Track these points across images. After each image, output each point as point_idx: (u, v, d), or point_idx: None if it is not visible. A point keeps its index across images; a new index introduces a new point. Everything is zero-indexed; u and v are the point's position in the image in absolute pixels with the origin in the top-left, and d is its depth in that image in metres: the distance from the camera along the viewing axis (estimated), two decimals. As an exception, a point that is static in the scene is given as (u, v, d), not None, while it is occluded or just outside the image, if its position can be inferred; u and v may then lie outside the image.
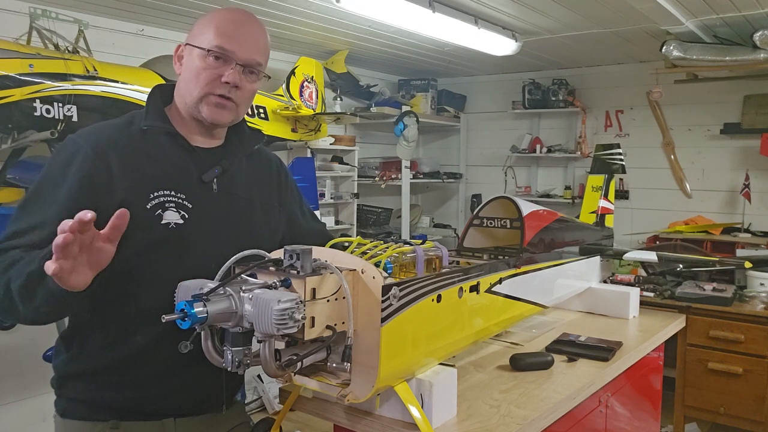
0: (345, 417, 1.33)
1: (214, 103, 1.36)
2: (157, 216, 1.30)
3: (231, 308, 1.09)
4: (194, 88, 1.35)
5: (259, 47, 1.39)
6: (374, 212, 5.19)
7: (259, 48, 1.39)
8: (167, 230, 1.31)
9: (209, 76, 1.34)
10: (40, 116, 2.59)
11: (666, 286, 3.72)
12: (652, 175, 4.85)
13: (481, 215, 1.93)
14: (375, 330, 1.15)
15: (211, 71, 1.34)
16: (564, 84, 5.08)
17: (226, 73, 1.34)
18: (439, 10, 3.24)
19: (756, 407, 3.38)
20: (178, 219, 1.32)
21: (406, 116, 4.77)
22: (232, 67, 1.34)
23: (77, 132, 1.35)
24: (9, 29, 2.87)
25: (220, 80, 1.34)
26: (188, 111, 1.39)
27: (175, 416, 1.39)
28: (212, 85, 1.35)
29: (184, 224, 1.33)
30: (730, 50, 3.77)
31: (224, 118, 1.39)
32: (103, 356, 1.34)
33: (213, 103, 1.36)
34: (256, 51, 1.38)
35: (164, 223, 1.31)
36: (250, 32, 1.38)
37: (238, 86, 1.36)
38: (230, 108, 1.39)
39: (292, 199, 1.65)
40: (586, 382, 1.59)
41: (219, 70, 1.34)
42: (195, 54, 1.35)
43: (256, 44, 1.38)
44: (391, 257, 1.44)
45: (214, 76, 1.34)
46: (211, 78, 1.34)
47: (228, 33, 1.34)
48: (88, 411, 1.36)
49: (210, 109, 1.36)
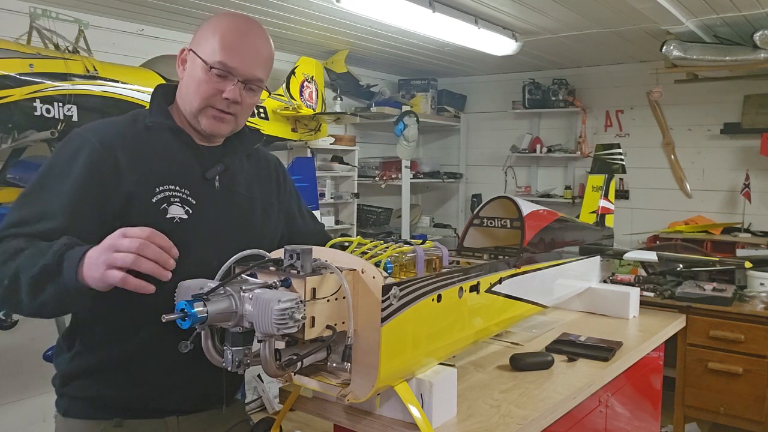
0: (345, 417, 1.33)
1: (213, 116, 1.37)
2: (162, 210, 1.31)
3: (231, 308, 1.09)
4: (194, 99, 1.36)
5: (262, 62, 1.39)
6: (374, 212, 5.19)
7: (262, 62, 1.39)
8: (172, 224, 1.31)
9: (210, 90, 1.34)
10: (40, 116, 2.59)
11: (666, 286, 3.72)
12: (652, 175, 4.85)
13: (481, 215, 1.93)
14: (375, 330, 1.15)
15: (212, 85, 1.34)
16: (564, 84, 5.08)
17: (227, 90, 1.34)
18: (439, 9, 3.24)
19: (756, 407, 3.38)
20: (182, 214, 1.33)
21: (406, 116, 4.77)
22: (234, 84, 1.34)
23: (83, 126, 1.35)
24: (9, 29, 2.87)
25: (220, 95, 1.34)
26: (188, 118, 1.40)
27: (177, 414, 1.40)
28: (212, 99, 1.35)
29: (188, 219, 1.33)
30: (731, 50, 3.77)
31: (223, 130, 1.40)
32: (106, 354, 1.34)
33: (212, 115, 1.37)
34: (258, 66, 1.37)
35: (169, 218, 1.31)
36: (253, 46, 1.37)
37: (239, 101, 1.37)
38: (229, 121, 1.39)
39: (290, 199, 1.66)
40: (586, 382, 1.59)
41: (220, 85, 1.34)
42: (198, 64, 1.35)
43: (258, 59, 1.37)
44: (391, 257, 1.45)
45: (215, 91, 1.34)
46: (212, 92, 1.34)
47: (231, 47, 1.33)
48: (91, 409, 1.36)
49: (209, 121, 1.37)
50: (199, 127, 1.38)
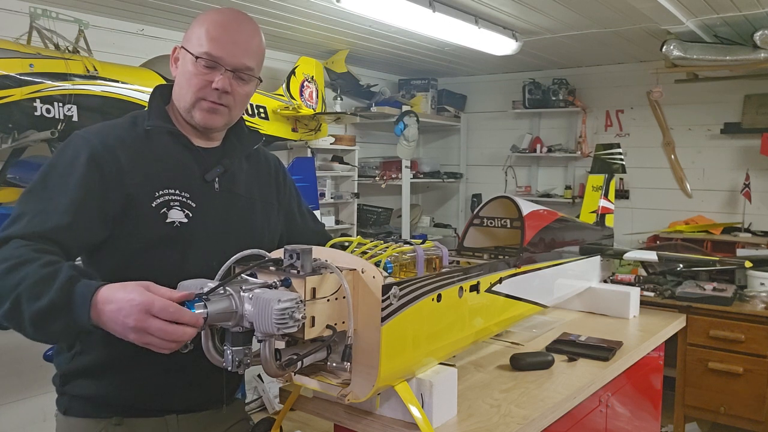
0: (345, 417, 1.33)
1: (206, 108, 1.37)
2: (162, 214, 1.31)
3: (231, 308, 1.09)
4: (187, 93, 1.37)
5: (249, 50, 1.38)
6: (374, 212, 5.19)
7: (249, 51, 1.38)
8: (172, 229, 1.32)
9: (199, 83, 1.35)
10: (41, 116, 2.59)
11: (666, 286, 3.72)
12: (652, 174, 4.85)
13: (481, 215, 1.93)
14: (375, 329, 1.15)
15: (202, 77, 1.35)
16: (564, 84, 5.08)
17: (216, 80, 1.34)
18: (439, 9, 3.24)
19: (756, 407, 3.38)
20: (182, 218, 1.33)
21: (406, 116, 4.77)
22: (222, 73, 1.35)
23: (83, 129, 1.36)
24: (9, 29, 2.87)
25: (210, 86, 1.35)
26: (184, 115, 1.40)
27: (177, 413, 1.40)
28: (203, 91, 1.35)
29: (188, 223, 1.34)
30: (731, 50, 3.77)
31: (216, 122, 1.40)
32: (106, 353, 1.34)
33: (205, 108, 1.37)
34: (246, 55, 1.37)
35: (169, 222, 1.32)
36: (240, 35, 1.37)
37: (228, 91, 1.37)
38: (222, 113, 1.39)
39: (290, 199, 1.66)
40: (587, 382, 1.59)
41: (209, 76, 1.35)
42: (188, 59, 1.36)
43: (246, 48, 1.37)
44: (391, 257, 1.44)
45: (205, 83, 1.35)
46: (202, 84, 1.35)
47: (217, 38, 1.34)
48: (92, 408, 1.37)
49: (202, 114, 1.38)
50: (194, 122, 1.39)
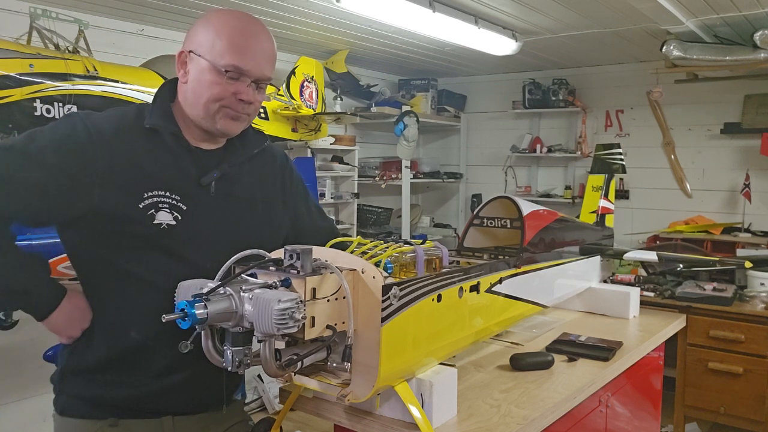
0: (345, 417, 1.33)
1: (230, 116, 1.36)
2: (149, 216, 1.30)
3: (231, 308, 1.09)
4: (207, 102, 1.34)
5: (271, 61, 1.39)
6: (374, 212, 5.18)
7: (270, 61, 1.39)
8: (159, 230, 1.30)
9: (223, 92, 1.33)
10: (41, 116, 2.59)
11: (666, 286, 3.72)
12: (652, 174, 4.85)
13: (481, 215, 1.93)
14: (375, 330, 1.15)
15: (225, 87, 1.33)
16: (564, 84, 5.08)
17: (243, 92, 1.34)
18: (439, 9, 3.24)
19: (756, 407, 3.37)
20: (170, 220, 1.32)
21: (406, 116, 4.77)
22: (248, 85, 1.34)
23: (87, 113, 1.34)
24: (9, 29, 2.87)
25: (234, 97, 1.34)
26: (197, 121, 1.38)
27: (173, 414, 1.39)
28: (227, 100, 1.34)
29: (176, 225, 1.32)
30: (731, 50, 3.77)
31: (238, 129, 1.41)
32: (103, 353, 1.34)
33: (230, 116, 1.36)
34: (267, 66, 1.38)
35: (156, 223, 1.30)
36: (261, 45, 1.36)
37: (252, 101, 1.37)
38: (244, 120, 1.40)
39: (297, 197, 1.64)
40: (587, 382, 1.59)
41: (233, 87, 1.33)
42: (204, 67, 1.32)
43: (268, 59, 1.38)
44: (391, 257, 1.44)
45: (228, 93, 1.33)
46: (226, 94, 1.33)
47: (241, 48, 1.32)
48: (87, 408, 1.36)
49: (226, 122, 1.36)
50: (214, 128, 1.37)
